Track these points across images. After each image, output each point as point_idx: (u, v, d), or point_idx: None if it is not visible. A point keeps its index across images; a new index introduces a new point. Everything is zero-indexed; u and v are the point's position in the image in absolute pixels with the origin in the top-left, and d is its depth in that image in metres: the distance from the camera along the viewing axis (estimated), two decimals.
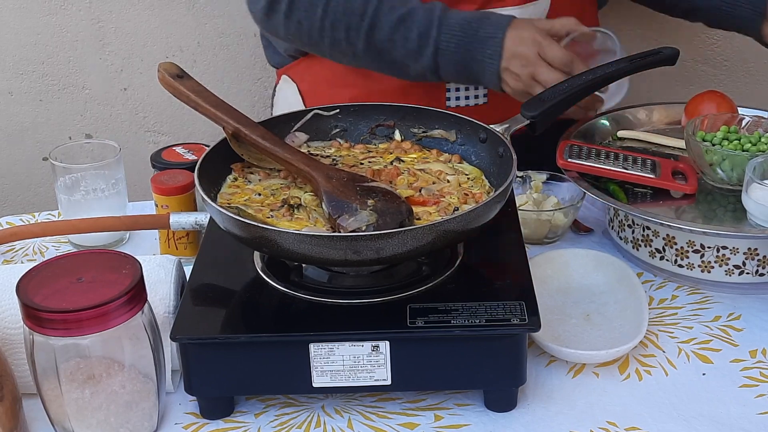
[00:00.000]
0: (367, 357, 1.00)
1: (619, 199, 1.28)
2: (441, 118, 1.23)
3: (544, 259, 1.24)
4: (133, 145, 2.01)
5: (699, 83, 1.99)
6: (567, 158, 1.31)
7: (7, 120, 2.01)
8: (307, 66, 1.60)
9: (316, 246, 0.98)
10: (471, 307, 1.01)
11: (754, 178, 1.19)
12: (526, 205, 1.34)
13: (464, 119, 1.22)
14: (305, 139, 1.24)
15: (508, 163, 1.11)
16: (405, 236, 0.97)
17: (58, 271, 0.97)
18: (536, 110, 1.24)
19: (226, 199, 1.13)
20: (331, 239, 0.98)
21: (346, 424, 1.03)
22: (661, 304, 1.22)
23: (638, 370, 1.10)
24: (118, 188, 1.35)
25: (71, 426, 0.97)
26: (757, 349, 1.13)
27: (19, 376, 1.01)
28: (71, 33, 1.94)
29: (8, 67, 1.96)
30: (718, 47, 1.98)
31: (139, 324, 0.96)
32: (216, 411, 1.04)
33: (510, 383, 1.03)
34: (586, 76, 1.31)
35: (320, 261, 1.02)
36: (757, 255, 1.21)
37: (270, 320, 1.03)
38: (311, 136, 1.24)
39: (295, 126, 1.24)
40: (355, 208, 1.05)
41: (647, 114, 1.50)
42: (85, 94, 2.00)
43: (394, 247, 0.98)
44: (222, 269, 1.11)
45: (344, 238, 0.98)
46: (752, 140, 1.30)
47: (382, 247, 0.97)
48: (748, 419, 1.03)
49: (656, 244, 1.25)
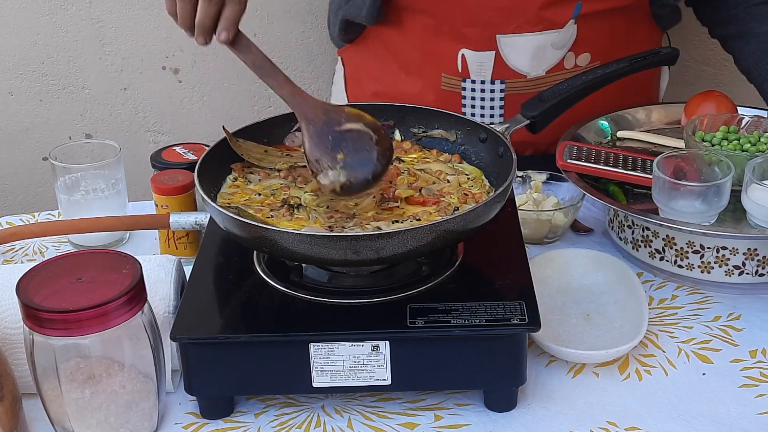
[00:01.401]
0: (367, 357, 1.00)
1: (619, 199, 1.28)
2: (441, 118, 1.23)
3: (544, 259, 1.24)
4: (133, 145, 2.01)
5: (699, 83, 1.99)
6: (566, 159, 1.31)
7: (7, 120, 2.01)
8: (353, 52, 1.61)
9: (316, 246, 0.98)
10: (471, 307, 1.01)
11: (753, 179, 1.19)
12: (526, 205, 1.34)
13: (464, 119, 1.22)
14: None
15: (508, 163, 1.11)
16: (405, 236, 0.97)
17: (58, 271, 0.97)
18: (536, 110, 1.25)
19: (226, 199, 1.13)
20: (330, 239, 0.98)
21: (346, 424, 1.03)
22: (661, 304, 1.22)
23: (638, 370, 1.10)
24: (118, 188, 1.35)
25: (71, 426, 0.97)
26: (757, 349, 1.13)
27: (19, 376, 1.01)
28: (71, 33, 1.94)
29: (8, 67, 1.96)
30: (718, 47, 1.97)
31: (139, 324, 0.96)
32: (216, 411, 1.04)
33: (510, 383, 1.03)
34: (586, 77, 1.31)
35: (320, 261, 1.03)
36: (756, 255, 1.21)
37: (270, 320, 1.03)
38: None
39: (295, 126, 1.24)
40: (326, 165, 1.07)
41: (647, 114, 1.50)
42: (85, 94, 2.00)
43: (394, 247, 0.98)
44: (222, 269, 1.11)
45: (344, 238, 0.98)
46: (752, 140, 1.30)
47: (382, 247, 0.97)
48: (748, 419, 1.03)
49: (656, 245, 1.25)
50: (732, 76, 1.99)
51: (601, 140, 1.44)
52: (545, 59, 1.43)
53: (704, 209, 1.20)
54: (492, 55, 1.43)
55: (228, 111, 2.01)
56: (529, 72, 1.44)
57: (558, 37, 1.42)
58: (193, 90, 2.00)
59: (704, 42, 1.97)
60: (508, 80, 1.44)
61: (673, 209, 1.21)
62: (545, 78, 1.44)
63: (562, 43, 1.43)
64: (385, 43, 1.53)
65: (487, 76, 1.45)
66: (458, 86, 1.47)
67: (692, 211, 1.20)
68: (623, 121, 1.48)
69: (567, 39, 1.43)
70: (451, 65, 1.45)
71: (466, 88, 1.47)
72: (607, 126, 1.46)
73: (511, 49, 1.42)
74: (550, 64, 1.44)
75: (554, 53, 1.43)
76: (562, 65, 1.45)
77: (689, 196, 1.20)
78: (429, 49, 1.47)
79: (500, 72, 1.44)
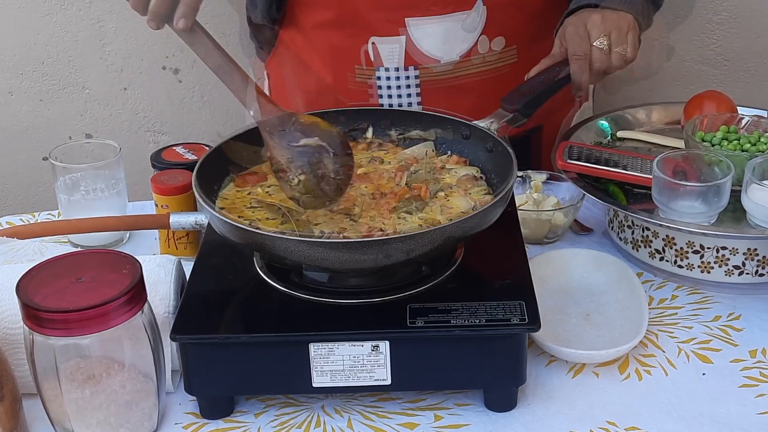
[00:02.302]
0: (367, 357, 1.00)
1: (619, 200, 1.28)
2: (418, 117, 1.23)
3: (544, 259, 1.24)
4: (133, 145, 2.01)
5: (699, 83, 1.99)
6: (566, 159, 1.31)
7: (7, 120, 2.01)
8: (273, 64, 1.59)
9: (312, 251, 0.97)
10: (471, 307, 1.01)
11: (753, 179, 1.19)
12: (526, 205, 1.34)
13: (443, 117, 1.21)
14: None
15: (501, 158, 1.11)
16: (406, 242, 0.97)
17: (58, 271, 0.97)
18: (517, 103, 1.24)
19: (229, 201, 1.13)
20: (329, 245, 0.98)
21: (346, 424, 1.03)
22: (661, 304, 1.22)
23: (638, 370, 1.10)
24: (118, 188, 1.35)
25: (71, 426, 0.97)
26: (757, 349, 1.13)
27: (19, 376, 1.01)
28: (71, 33, 1.94)
29: (8, 67, 1.96)
30: (718, 47, 1.98)
31: (139, 324, 0.96)
32: (216, 411, 1.04)
33: (510, 383, 1.03)
34: (561, 67, 1.31)
35: (318, 267, 1.02)
36: (756, 255, 1.21)
37: (270, 320, 1.03)
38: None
39: None
40: (287, 176, 1.06)
41: (647, 114, 1.50)
42: (85, 94, 2.00)
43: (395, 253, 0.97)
44: (222, 269, 1.11)
45: (343, 245, 0.98)
46: (751, 140, 1.30)
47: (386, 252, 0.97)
48: (748, 419, 1.03)
49: (656, 245, 1.25)
50: (732, 76, 1.99)
51: (601, 140, 1.44)
52: (457, 43, 1.42)
53: (704, 209, 1.20)
54: (402, 40, 1.41)
55: (228, 111, 2.01)
56: (442, 57, 1.42)
57: (468, 19, 1.40)
58: (193, 90, 2.00)
59: (704, 42, 1.97)
60: (421, 67, 1.43)
61: (673, 209, 1.21)
62: (460, 63, 1.43)
63: (473, 25, 1.41)
64: (294, 46, 1.51)
65: (399, 63, 1.43)
66: (372, 76, 1.45)
67: (692, 211, 1.20)
68: (623, 121, 1.48)
69: (477, 21, 1.41)
70: (362, 56, 1.44)
71: (381, 77, 1.45)
72: (607, 126, 1.46)
73: (422, 33, 1.40)
74: (462, 49, 1.42)
75: (465, 36, 1.41)
76: (476, 49, 1.43)
77: (689, 196, 1.20)
78: (336, 43, 1.45)
79: (412, 58, 1.42)
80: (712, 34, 1.97)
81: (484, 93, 1.43)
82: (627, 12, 1.33)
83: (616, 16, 1.32)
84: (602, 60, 1.30)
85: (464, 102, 1.42)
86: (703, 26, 1.66)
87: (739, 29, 1.95)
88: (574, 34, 1.31)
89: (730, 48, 1.98)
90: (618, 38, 1.30)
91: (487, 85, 1.44)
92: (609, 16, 1.31)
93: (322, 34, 1.46)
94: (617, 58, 1.30)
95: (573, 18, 1.34)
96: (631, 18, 1.33)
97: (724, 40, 1.98)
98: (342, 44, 1.44)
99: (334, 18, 1.43)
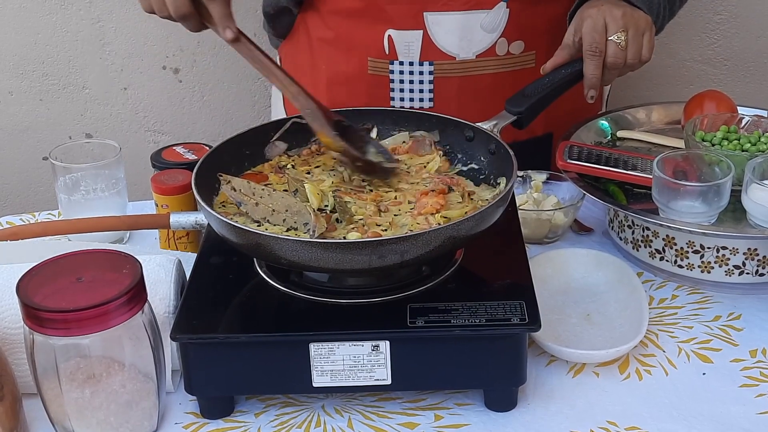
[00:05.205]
0: (367, 357, 1.00)
1: (619, 199, 1.28)
2: (423, 118, 1.23)
3: (544, 259, 1.24)
4: (133, 145, 2.02)
5: (699, 83, 1.99)
6: (566, 159, 1.31)
7: (7, 120, 2.01)
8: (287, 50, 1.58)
9: (310, 252, 0.97)
10: (471, 307, 1.01)
11: (753, 179, 1.19)
12: (526, 204, 1.34)
13: (447, 119, 1.21)
14: (284, 148, 1.22)
15: (503, 160, 1.11)
16: (406, 244, 0.97)
17: (58, 270, 0.97)
18: (522, 106, 1.24)
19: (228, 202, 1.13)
20: (323, 246, 0.97)
21: (346, 423, 1.03)
22: (661, 304, 1.22)
23: (638, 370, 1.10)
24: (118, 188, 1.35)
25: (71, 426, 0.97)
26: (757, 348, 1.13)
27: (19, 376, 1.01)
28: (71, 33, 1.94)
29: (8, 67, 1.96)
30: (718, 47, 1.98)
31: (139, 324, 0.96)
32: (216, 411, 1.04)
33: (510, 383, 1.03)
34: (566, 70, 1.31)
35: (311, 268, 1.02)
36: (756, 255, 1.21)
37: (270, 320, 1.03)
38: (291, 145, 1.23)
39: (275, 136, 1.22)
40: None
41: (647, 114, 1.50)
42: (85, 93, 2.00)
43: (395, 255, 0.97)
44: (222, 269, 1.11)
45: (341, 246, 0.97)
46: (752, 140, 1.30)
47: (384, 254, 0.97)
48: (748, 419, 1.03)
49: (656, 245, 1.25)
50: (732, 76, 1.99)
51: (601, 140, 1.44)
52: (474, 41, 1.41)
53: (704, 209, 1.20)
54: (419, 34, 1.40)
55: (228, 111, 2.01)
56: (458, 54, 1.42)
57: (487, 18, 1.40)
58: (193, 90, 2.00)
59: (704, 42, 1.97)
60: (436, 62, 1.42)
61: (673, 209, 1.21)
62: (475, 62, 1.42)
63: (492, 26, 1.40)
64: (311, 33, 1.50)
65: (415, 57, 1.42)
66: (386, 69, 1.44)
67: (692, 211, 1.20)
68: (623, 121, 1.48)
69: (497, 22, 1.40)
70: (378, 48, 1.43)
71: (394, 71, 1.44)
72: (607, 126, 1.46)
73: (439, 28, 1.40)
74: (480, 48, 1.42)
75: (484, 36, 1.41)
76: (494, 51, 1.42)
77: (689, 196, 1.20)
78: (354, 32, 1.44)
79: (428, 53, 1.42)
80: (712, 34, 1.98)
81: (497, 95, 1.42)
82: (646, 13, 1.33)
83: (636, 15, 1.32)
84: (617, 55, 1.29)
85: (476, 102, 1.43)
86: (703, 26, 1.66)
87: (739, 29, 1.95)
88: (592, 30, 1.30)
89: (730, 48, 1.98)
90: (635, 36, 1.30)
91: (501, 88, 1.43)
92: (629, 13, 1.31)
93: (340, 21, 1.45)
94: (632, 55, 1.30)
95: (593, 11, 1.32)
96: (649, 19, 1.33)
97: (724, 40, 1.98)
98: (358, 34, 1.44)
99: (353, 6, 1.42)
